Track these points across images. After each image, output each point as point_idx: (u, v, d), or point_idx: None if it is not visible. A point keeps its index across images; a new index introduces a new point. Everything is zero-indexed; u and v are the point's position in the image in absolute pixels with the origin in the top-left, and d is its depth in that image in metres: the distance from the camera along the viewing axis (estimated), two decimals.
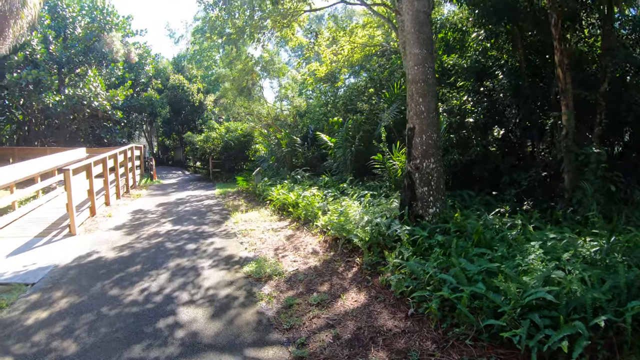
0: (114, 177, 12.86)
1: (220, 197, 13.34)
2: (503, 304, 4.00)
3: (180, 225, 9.24)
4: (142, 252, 7.24)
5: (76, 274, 6.21)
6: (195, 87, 25.93)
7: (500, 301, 4.04)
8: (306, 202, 9.23)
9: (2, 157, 16.57)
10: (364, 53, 15.06)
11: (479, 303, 4.18)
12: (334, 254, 6.76)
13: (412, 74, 6.81)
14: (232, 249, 7.36)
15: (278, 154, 14.88)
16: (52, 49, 18.64)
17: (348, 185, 10.34)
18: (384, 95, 12.68)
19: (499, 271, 4.57)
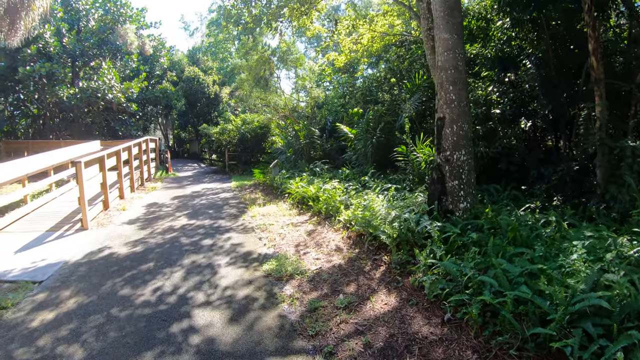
0: (128, 170, 12.55)
1: (237, 190, 12.95)
2: (550, 310, 3.59)
3: (195, 220, 8.85)
4: (155, 247, 6.86)
5: (86, 271, 5.86)
6: (211, 79, 25.55)
7: (547, 307, 3.63)
8: (327, 195, 8.77)
9: (17, 150, 16.38)
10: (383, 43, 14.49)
11: (524, 309, 3.77)
12: (359, 251, 6.30)
13: (442, 61, 6.38)
14: (251, 245, 6.94)
15: (296, 146, 14.42)
16: (66, 41, 18.39)
17: (370, 178, 9.85)
18: (404, 86, 12.17)
19: (541, 273, 4.19)
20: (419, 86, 11.29)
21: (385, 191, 8.53)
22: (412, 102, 11.00)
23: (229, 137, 18.05)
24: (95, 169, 9.36)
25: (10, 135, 20.56)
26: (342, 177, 10.73)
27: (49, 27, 17.93)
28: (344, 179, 10.48)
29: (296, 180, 10.84)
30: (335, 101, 16.73)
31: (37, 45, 17.48)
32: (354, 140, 11.90)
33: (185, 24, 46.90)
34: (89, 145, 14.27)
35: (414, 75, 11.58)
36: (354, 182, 9.86)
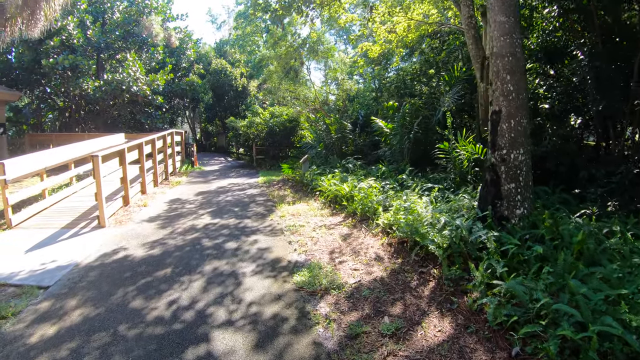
0: (152, 163, 12.01)
1: (264, 186, 12.25)
2: None
3: (219, 219, 8.17)
4: (174, 250, 6.19)
5: (97, 277, 5.24)
6: (238, 72, 24.93)
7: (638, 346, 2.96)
8: (362, 195, 7.97)
9: (42, 143, 16.12)
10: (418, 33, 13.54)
11: (610, 346, 3.09)
12: (402, 261, 5.49)
13: (498, 47, 5.66)
14: (279, 250, 6.19)
15: (327, 140, 13.63)
16: (90, 34, 18.01)
17: (407, 176, 9.00)
18: (442, 79, 11.34)
19: (620, 298, 3.53)
20: (458, 79, 10.48)
21: (427, 192, 7.71)
22: (452, 96, 10.16)
23: (257, 130, 17.38)
24: (115, 163, 8.80)
25: (36, 128, 20.44)
26: (378, 174, 9.90)
27: (72, 19, 17.57)
28: (380, 176, 9.65)
29: (328, 177, 10.06)
30: (367, 94, 15.89)
31: (60, 37, 17.13)
32: (389, 135, 11.04)
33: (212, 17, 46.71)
34: (112, 138, 13.83)
35: (452, 67, 10.84)
36: (391, 180, 9.02)
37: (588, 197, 7.14)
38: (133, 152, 10.05)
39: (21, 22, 12.01)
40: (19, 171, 8.24)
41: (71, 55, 16.60)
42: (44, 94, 19.77)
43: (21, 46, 16.97)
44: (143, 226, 7.66)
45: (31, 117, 20.10)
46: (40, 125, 20.66)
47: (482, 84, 9.24)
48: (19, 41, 16.69)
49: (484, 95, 9.25)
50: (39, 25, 11.99)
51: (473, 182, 8.35)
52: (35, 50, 16.97)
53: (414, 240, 5.67)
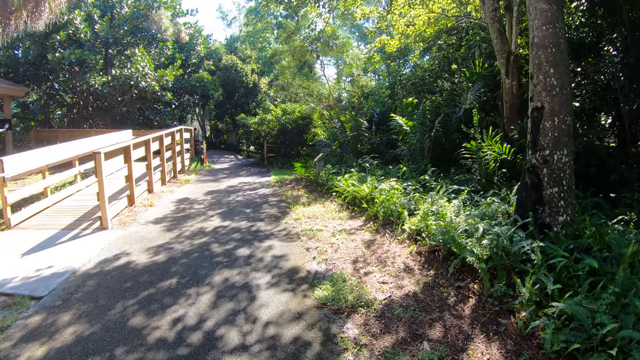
0: (159, 161, 11.50)
1: (277, 186, 11.68)
2: None
3: (230, 221, 7.60)
4: (181, 257, 5.63)
5: (95, 287, 4.71)
6: (249, 68, 24.33)
7: None
8: (384, 197, 7.36)
9: (48, 139, 15.75)
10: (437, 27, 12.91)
11: None
12: (435, 273, 4.89)
13: (540, 37, 5.12)
14: (297, 257, 5.60)
15: (341, 138, 13.02)
16: (98, 28, 17.53)
17: (430, 177, 8.38)
18: (463, 74, 10.77)
19: None
20: (479, 75, 9.93)
21: (453, 194, 7.12)
22: (474, 92, 9.62)
23: (268, 127, 16.78)
24: (120, 160, 8.27)
25: (45, 124, 20.07)
26: (398, 175, 9.30)
27: (79, 13, 17.10)
28: (401, 177, 9.03)
29: (345, 177, 9.48)
30: (382, 91, 15.26)
31: (66, 31, 16.66)
32: (409, 134, 10.41)
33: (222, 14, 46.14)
34: (119, 135, 13.35)
35: (472, 63, 10.36)
36: (413, 181, 8.41)
37: (622, 201, 6.61)
38: (139, 149, 9.53)
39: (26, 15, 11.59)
40: (19, 169, 7.78)
41: (78, 50, 16.14)
42: (52, 90, 19.37)
43: (27, 40, 16.56)
44: (148, 228, 7.12)
45: (39, 113, 19.74)
46: (49, 122, 20.28)
47: (508, 80, 8.70)
48: (24, 35, 16.32)
49: (509, 92, 8.71)
50: (43, 17, 11.53)
51: (500, 184, 7.77)
52: (41, 44, 16.54)
53: (447, 250, 5.07)
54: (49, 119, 20.30)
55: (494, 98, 10.23)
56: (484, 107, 10.71)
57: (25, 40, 16.51)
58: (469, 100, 9.78)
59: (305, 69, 16.74)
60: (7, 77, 17.07)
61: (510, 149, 7.47)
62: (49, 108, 20.26)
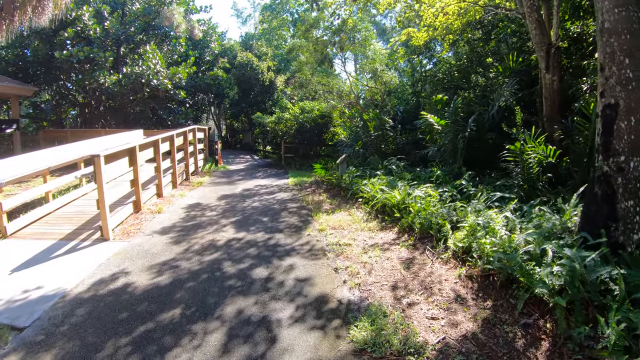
0: (170, 163, 10.75)
1: (296, 189, 10.80)
2: None
3: (245, 232, 6.74)
4: (187, 278, 4.80)
5: (85, 317, 3.94)
6: (265, 65, 23.48)
7: None
8: (420, 205, 6.45)
9: (57, 139, 15.16)
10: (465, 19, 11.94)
11: None
12: (493, 304, 3.99)
13: (612, 21, 4.26)
14: (324, 281, 4.71)
15: (364, 138, 12.08)
16: (108, 25, 16.82)
17: (467, 182, 7.45)
18: (495, 69, 10.04)
19: None
20: (512, 70, 9.21)
21: (497, 203, 6.20)
22: (509, 88, 8.79)
23: (286, 127, 15.90)
24: (124, 163, 7.50)
25: (57, 124, 19.57)
26: (430, 179, 8.38)
27: (87, 9, 16.43)
28: (435, 182, 8.11)
29: (371, 180, 8.59)
30: (406, 88, 14.30)
31: (74, 28, 15.99)
32: (440, 133, 9.47)
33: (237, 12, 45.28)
34: (128, 135, 12.66)
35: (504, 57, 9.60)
36: (449, 187, 7.47)
37: None
38: (147, 151, 8.77)
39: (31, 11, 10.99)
40: (14, 173, 7.09)
41: (87, 47, 15.47)
42: (64, 90, 18.83)
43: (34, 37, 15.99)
44: (153, 240, 6.32)
45: (51, 113, 19.24)
46: (61, 122, 19.77)
47: (548, 75, 7.80)
48: (31, 33, 15.78)
49: (549, 88, 7.82)
50: (47, 12, 10.89)
51: (544, 191, 6.84)
52: (49, 42, 15.93)
53: (506, 275, 4.16)
54: (61, 119, 19.76)
55: (530, 94, 9.31)
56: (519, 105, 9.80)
57: (33, 38, 15.93)
58: (504, 96, 8.88)
59: (326, 64, 15.79)
60: (16, 77, 16.55)
61: (555, 151, 6.64)
62: (60, 108, 19.74)
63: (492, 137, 9.15)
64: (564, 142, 7.44)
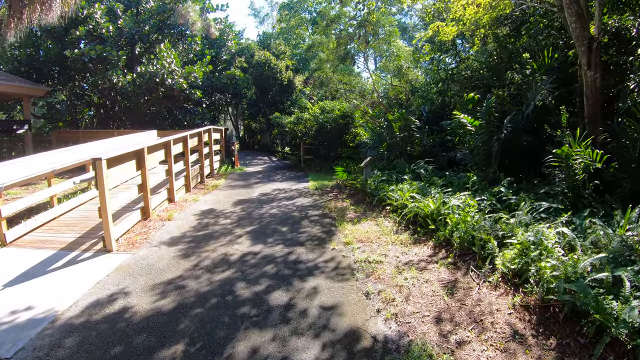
0: (183, 165, 10.17)
1: (317, 194, 10.08)
2: None
3: (262, 244, 6.05)
4: (194, 303, 4.13)
5: (73, 349, 3.47)
6: (284, 65, 22.77)
7: None
8: (458, 216, 5.69)
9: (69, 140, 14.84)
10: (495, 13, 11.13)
11: None
12: (557, 342, 3.24)
13: None
14: (354, 310, 3.98)
15: (389, 140, 11.29)
16: (121, 23, 16.33)
17: (506, 189, 6.67)
18: (529, 67, 9.20)
19: None
20: (548, 67, 8.38)
21: (543, 214, 5.48)
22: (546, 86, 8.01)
23: (305, 127, 15.17)
24: (131, 167, 6.90)
25: (72, 124, 19.27)
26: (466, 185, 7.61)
27: (99, 7, 15.97)
28: (471, 188, 7.32)
29: (399, 186, 7.85)
30: (431, 86, 13.49)
31: (86, 26, 15.52)
32: (474, 135, 8.68)
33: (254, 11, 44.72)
34: (140, 136, 12.16)
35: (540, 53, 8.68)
36: (487, 194, 6.70)
37: None
38: (157, 153, 8.18)
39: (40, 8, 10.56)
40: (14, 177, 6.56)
41: (99, 46, 14.99)
42: (79, 90, 18.47)
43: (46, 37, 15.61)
44: (160, 252, 5.69)
45: (66, 113, 18.94)
46: (76, 122, 19.46)
47: (590, 72, 7.06)
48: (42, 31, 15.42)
49: (590, 86, 7.07)
50: (55, 9, 10.42)
51: (590, 199, 6.08)
52: (60, 41, 15.52)
53: (572, 306, 3.41)
54: (77, 119, 19.43)
55: (568, 93, 8.52)
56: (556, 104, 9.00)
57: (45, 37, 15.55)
58: (541, 95, 8.11)
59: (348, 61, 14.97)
60: (30, 77, 16.24)
61: (603, 155, 5.92)
62: (75, 108, 19.42)
63: (526, 139, 8.38)
64: (609, 146, 6.66)
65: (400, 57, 13.64)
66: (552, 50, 8.62)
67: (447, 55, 12.85)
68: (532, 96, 8.34)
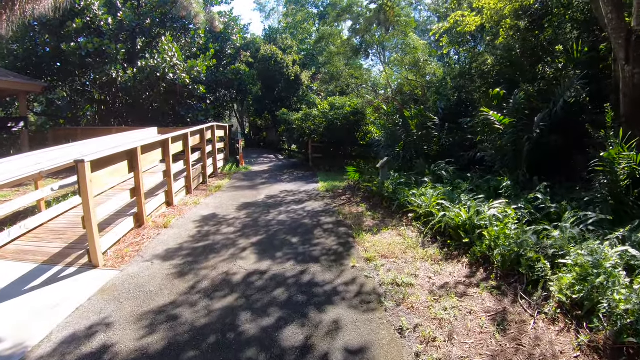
0: (184, 165, 9.43)
1: (328, 197, 9.29)
2: None
3: (270, 260, 5.27)
4: (189, 342, 3.37)
5: None
6: (290, 59, 21.83)
7: None
8: (496, 228, 4.91)
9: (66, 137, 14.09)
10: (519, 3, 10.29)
11: None
12: None
13: None
14: (387, 355, 3.17)
15: (406, 138, 10.46)
16: (121, 16, 15.53)
17: (544, 196, 5.89)
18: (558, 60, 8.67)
19: None
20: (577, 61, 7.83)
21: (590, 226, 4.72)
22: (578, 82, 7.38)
23: (314, 124, 14.31)
24: (122, 168, 6.16)
25: (73, 122, 18.60)
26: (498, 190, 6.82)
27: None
28: (504, 194, 6.53)
29: (420, 190, 7.07)
30: (447, 81, 12.65)
31: (83, 19, 14.73)
32: (502, 134, 7.89)
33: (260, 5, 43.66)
34: (140, 133, 11.43)
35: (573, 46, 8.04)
36: (522, 202, 5.91)
37: None
38: (154, 152, 7.44)
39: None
40: None
41: (96, 39, 14.21)
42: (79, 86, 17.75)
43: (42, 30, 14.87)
44: (152, 270, 4.95)
45: (67, 110, 18.26)
46: (76, 119, 18.80)
47: (628, 66, 6.39)
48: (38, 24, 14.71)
49: (628, 83, 6.36)
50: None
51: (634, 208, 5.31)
52: (56, 34, 14.77)
53: None
54: (77, 116, 18.76)
55: (599, 90, 7.72)
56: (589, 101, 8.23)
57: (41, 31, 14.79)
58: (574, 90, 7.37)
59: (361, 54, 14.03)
60: (27, 72, 15.55)
61: None
62: (76, 105, 18.74)
63: (555, 139, 7.62)
64: None
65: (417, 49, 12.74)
66: (580, 44, 7.90)
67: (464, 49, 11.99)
68: (561, 92, 7.57)
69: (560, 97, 7.51)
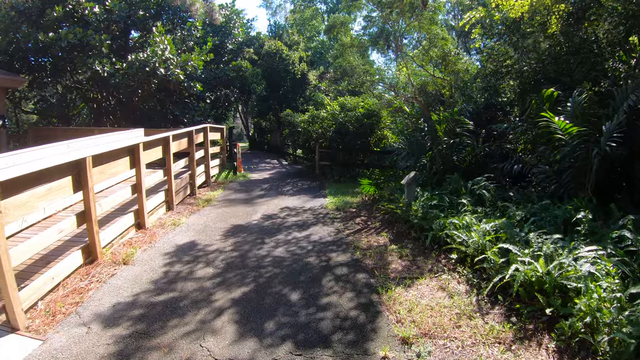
0: (164, 175, 7.83)
1: (339, 219, 7.56)
2: None
3: (255, 338, 3.54)
4: None
5: None
6: (297, 56, 20.07)
7: None
8: (592, 293, 3.24)
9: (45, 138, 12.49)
10: None
11: None
12: None
13: None
14: None
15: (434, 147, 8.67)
16: (109, 4, 13.90)
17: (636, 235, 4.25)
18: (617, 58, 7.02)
19: None
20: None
21: None
22: None
23: (322, 127, 12.54)
24: (66, 187, 4.52)
25: (64, 120, 17.34)
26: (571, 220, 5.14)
27: None
28: (582, 231, 4.82)
29: (463, 218, 5.40)
30: (477, 81, 10.96)
31: (64, 7, 13.12)
32: (563, 145, 6.25)
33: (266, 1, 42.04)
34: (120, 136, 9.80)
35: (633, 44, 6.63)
36: (609, 242, 4.25)
37: None
38: (117, 162, 5.81)
39: None
40: None
41: (79, 29, 12.55)
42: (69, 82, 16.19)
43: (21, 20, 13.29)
44: (85, 343, 3.34)
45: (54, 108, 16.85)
46: (66, 118, 17.38)
47: None
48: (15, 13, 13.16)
49: None
50: None
51: None
52: (35, 24, 13.18)
53: None
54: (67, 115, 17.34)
55: None
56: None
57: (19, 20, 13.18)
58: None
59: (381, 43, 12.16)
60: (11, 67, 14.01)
61: None
62: (69, 103, 17.26)
63: (621, 151, 6.07)
64: None
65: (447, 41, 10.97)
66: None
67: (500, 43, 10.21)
68: (622, 97, 6.11)
69: (621, 102, 6.06)
